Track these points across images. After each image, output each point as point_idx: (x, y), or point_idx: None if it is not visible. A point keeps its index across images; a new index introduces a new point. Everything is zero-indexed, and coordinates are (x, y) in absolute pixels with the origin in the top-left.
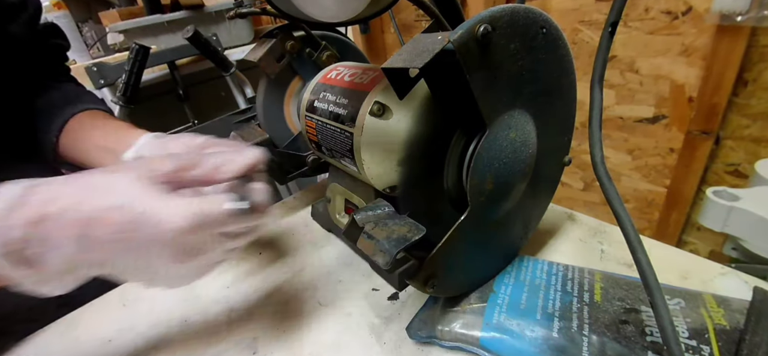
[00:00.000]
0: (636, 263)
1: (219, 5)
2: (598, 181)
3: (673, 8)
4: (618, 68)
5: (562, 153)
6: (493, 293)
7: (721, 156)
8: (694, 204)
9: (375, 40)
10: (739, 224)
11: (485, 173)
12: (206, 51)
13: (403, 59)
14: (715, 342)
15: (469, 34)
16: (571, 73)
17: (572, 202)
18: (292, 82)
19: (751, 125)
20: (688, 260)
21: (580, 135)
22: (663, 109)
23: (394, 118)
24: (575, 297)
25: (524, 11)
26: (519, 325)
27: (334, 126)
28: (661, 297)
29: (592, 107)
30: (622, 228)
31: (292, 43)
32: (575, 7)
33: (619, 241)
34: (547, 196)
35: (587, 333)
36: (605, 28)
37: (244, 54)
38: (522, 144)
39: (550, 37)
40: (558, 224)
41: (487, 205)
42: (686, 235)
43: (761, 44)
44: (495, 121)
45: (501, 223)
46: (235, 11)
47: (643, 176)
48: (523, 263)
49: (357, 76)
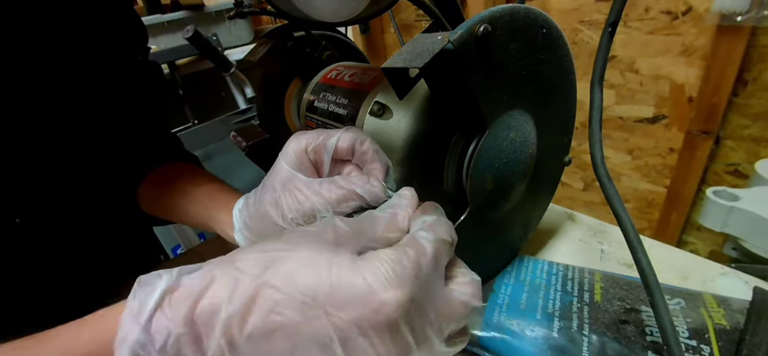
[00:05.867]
0: (636, 264)
1: (219, 5)
2: (598, 181)
3: (673, 8)
4: (618, 68)
5: (562, 153)
6: (493, 293)
7: (721, 156)
8: (694, 204)
9: (375, 40)
10: (739, 224)
11: (485, 173)
12: (206, 51)
13: (403, 59)
14: (715, 342)
15: (469, 34)
16: (571, 73)
17: (572, 202)
18: (292, 83)
19: (751, 125)
20: (688, 260)
21: (580, 135)
22: (663, 109)
23: (394, 118)
24: (575, 296)
25: (524, 11)
26: (519, 325)
27: (334, 126)
28: (661, 297)
29: (592, 107)
30: (622, 228)
31: (292, 43)
32: (575, 7)
33: (619, 241)
34: (547, 196)
35: (587, 332)
36: (605, 28)
37: (244, 54)
38: (522, 144)
39: (550, 37)
40: (558, 224)
41: (486, 205)
42: (686, 235)
43: (761, 44)
44: (495, 121)
45: (501, 223)
46: (235, 11)
47: (643, 176)
48: (523, 263)
49: (357, 76)
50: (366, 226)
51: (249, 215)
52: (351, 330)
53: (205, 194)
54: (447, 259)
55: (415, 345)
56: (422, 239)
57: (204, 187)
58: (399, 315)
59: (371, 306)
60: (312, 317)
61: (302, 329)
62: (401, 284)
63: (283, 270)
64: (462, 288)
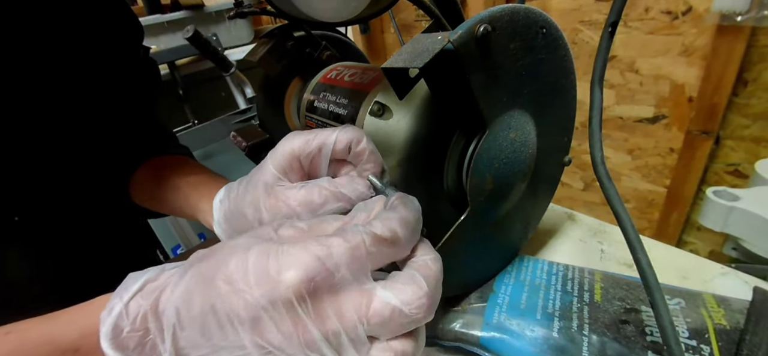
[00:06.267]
0: (636, 264)
1: (219, 5)
2: (598, 181)
3: (673, 8)
4: (618, 68)
5: (562, 153)
6: (493, 293)
7: (721, 156)
8: (694, 204)
9: (375, 40)
10: (739, 224)
11: (485, 173)
12: (206, 51)
13: (403, 59)
14: (715, 342)
15: (469, 34)
16: (571, 73)
17: (572, 202)
18: (292, 83)
19: (751, 125)
20: (688, 260)
21: (580, 135)
22: (663, 109)
23: (394, 118)
24: (575, 296)
25: (524, 11)
26: (519, 325)
27: (333, 126)
28: (661, 297)
29: (592, 107)
30: (622, 228)
31: (292, 43)
32: (575, 7)
33: (619, 241)
34: (547, 196)
35: (587, 332)
36: (605, 28)
37: (244, 54)
38: (522, 144)
39: (550, 37)
40: (558, 224)
41: (487, 205)
42: (686, 235)
43: (761, 44)
44: (495, 121)
45: (501, 223)
46: (235, 11)
47: (643, 176)
48: (523, 263)
49: (357, 76)
50: (316, 228)
51: (229, 210)
52: (258, 308)
53: (190, 184)
54: (382, 255)
55: (316, 331)
56: (349, 231)
57: (191, 177)
58: (293, 294)
59: (270, 284)
60: (228, 293)
61: (219, 305)
62: (299, 266)
63: (216, 257)
64: (393, 290)
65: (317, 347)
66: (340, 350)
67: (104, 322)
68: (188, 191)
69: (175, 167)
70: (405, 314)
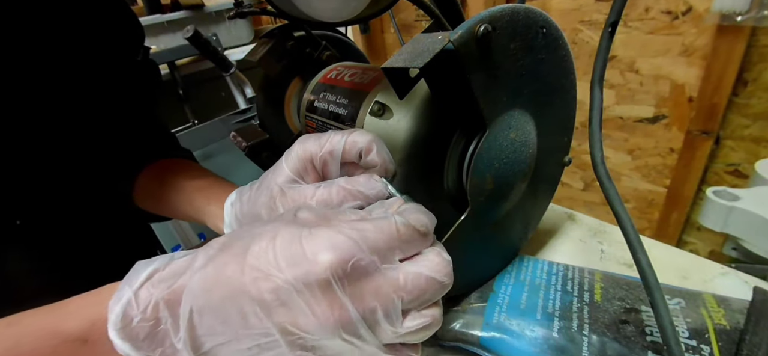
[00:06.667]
0: (636, 264)
1: (219, 5)
2: (598, 181)
3: (673, 8)
4: (618, 68)
5: (562, 153)
6: (493, 293)
7: (721, 156)
8: (694, 204)
9: (375, 40)
10: (739, 224)
11: (485, 173)
12: (206, 51)
13: (403, 59)
14: (715, 342)
15: (469, 34)
16: (571, 73)
17: (572, 202)
18: (292, 83)
19: (751, 125)
20: (688, 260)
21: (580, 135)
22: (663, 109)
23: (394, 118)
24: (575, 296)
25: (524, 11)
26: (519, 325)
27: (334, 126)
28: (661, 297)
29: (592, 107)
30: (622, 228)
31: (292, 43)
32: (575, 7)
33: (619, 241)
34: (547, 196)
35: (587, 332)
36: (605, 28)
37: (244, 54)
38: (522, 144)
39: (550, 37)
40: (558, 224)
41: (487, 205)
42: (686, 235)
43: (761, 44)
44: (495, 121)
45: (501, 223)
46: (235, 11)
47: (643, 176)
48: (523, 263)
49: (357, 76)
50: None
51: (241, 212)
52: (290, 292)
53: (195, 188)
54: (413, 244)
55: (353, 310)
56: (380, 217)
57: (195, 181)
58: (331, 274)
59: (306, 266)
60: (255, 278)
61: (245, 291)
62: (335, 247)
63: (237, 244)
64: (425, 262)
65: (354, 327)
66: (374, 328)
67: (112, 311)
68: (193, 195)
69: (178, 171)
70: (438, 281)
